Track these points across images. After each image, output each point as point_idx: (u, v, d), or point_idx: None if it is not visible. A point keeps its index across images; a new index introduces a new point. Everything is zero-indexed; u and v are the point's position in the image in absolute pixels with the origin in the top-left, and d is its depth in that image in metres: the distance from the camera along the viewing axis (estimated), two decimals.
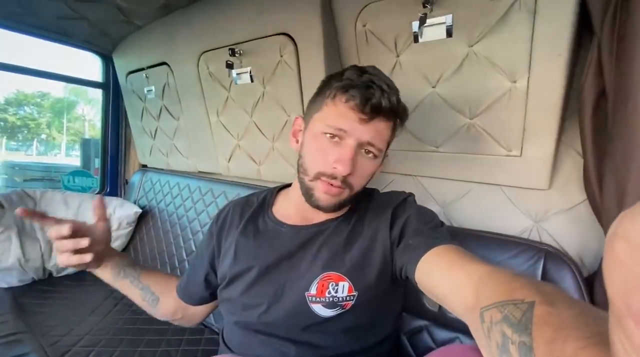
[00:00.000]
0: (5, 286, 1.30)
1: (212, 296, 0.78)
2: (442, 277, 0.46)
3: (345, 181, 0.59)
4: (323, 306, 0.60)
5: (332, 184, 0.59)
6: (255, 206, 0.75)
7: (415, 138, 0.93)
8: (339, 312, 0.60)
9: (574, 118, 0.77)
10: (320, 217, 0.68)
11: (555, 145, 0.75)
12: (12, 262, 1.28)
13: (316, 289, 0.60)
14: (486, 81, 0.76)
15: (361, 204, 0.70)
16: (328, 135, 0.59)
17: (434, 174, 0.97)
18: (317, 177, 0.60)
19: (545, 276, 0.73)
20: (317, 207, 0.62)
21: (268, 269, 0.65)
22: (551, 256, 0.74)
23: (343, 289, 0.60)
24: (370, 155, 0.60)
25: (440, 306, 0.84)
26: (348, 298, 0.60)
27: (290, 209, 0.71)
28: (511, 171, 0.83)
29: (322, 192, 0.60)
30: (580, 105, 0.65)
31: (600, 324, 0.24)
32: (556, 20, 0.63)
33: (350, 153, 0.57)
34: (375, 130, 0.58)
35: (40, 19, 1.33)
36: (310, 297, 0.60)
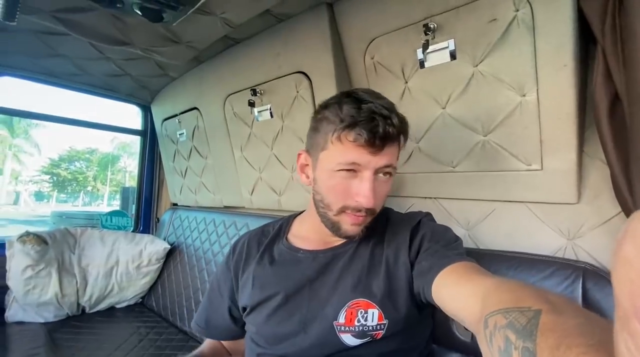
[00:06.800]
0: (42, 320, 1.36)
1: (242, 330, 0.74)
2: (452, 293, 0.47)
3: (369, 209, 0.59)
4: (352, 335, 0.57)
5: (355, 215, 0.59)
6: (272, 234, 0.75)
7: (431, 159, 0.94)
8: (368, 341, 0.58)
9: (594, 128, 0.75)
10: (337, 240, 0.67)
11: (577, 157, 0.73)
12: (50, 297, 1.35)
13: (344, 318, 0.58)
14: (495, 97, 0.77)
15: (378, 225, 0.68)
16: (343, 171, 0.58)
17: (454, 195, 0.95)
18: (342, 210, 0.60)
19: (586, 296, 0.67)
20: (347, 237, 0.63)
21: (288, 298, 0.63)
22: (590, 274, 0.68)
23: (373, 317, 0.58)
24: (387, 176, 0.61)
25: (472, 335, 0.77)
26: (379, 327, 0.57)
27: (306, 234, 0.71)
28: (534, 186, 0.80)
29: (350, 224, 0.60)
30: (595, 113, 0.64)
31: (607, 333, 0.25)
32: (556, 32, 0.65)
33: (371, 186, 0.57)
34: (388, 155, 0.58)
35: (92, 78, 1.54)
36: (338, 327, 0.58)
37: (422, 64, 0.83)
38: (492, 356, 0.32)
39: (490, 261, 0.80)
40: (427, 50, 0.80)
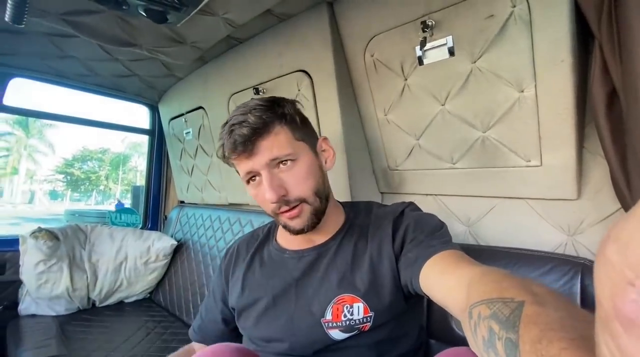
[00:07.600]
0: (53, 314, 1.40)
1: (233, 332, 0.76)
2: (439, 283, 0.48)
3: (290, 201, 0.60)
4: (340, 330, 0.59)
5: (286, 211, 0.60)
6: (261, 237, 0.76)
7: (431, 156, 0.94)
8: (356, 333, 0.59)
9: (594, 124, 0.74)
10: (320, 238, 0.67)
11: (577, 152, 0.73)
12: (61, 291, 1.39)
13: (331, 314, 0.59)
14: (494, 93, 0.77)
15: (361, 220, 0.69)
16: (249, 182, 0.62)
17: (455, 192, 0.96)
18: (274, 213, 0.62)
19: (584, 292, 0.67)
20: (298, 232, 0.62)
21: (276, 299, 0.65)
22: (589, 270, 0.68)
23: (358, 310, 0.59)
24: (288, 162, 0.60)
25: None
26: (365, 320, 0.58)
27: (290, 235, 0.70)
28: (534, 182, 0.80)
29: (289, 220, 0.61)
30: (592, 107, 0.64)
31: (588, 327, 0.24)
32: (553, 28, 0.65)
33: (268, 183, 0.58)
34: (265, 150, 0.58)
35: (101, 78, 1.58)
36: (326, 324, 0.59)
37: (420, 61, 0.84)
38: (477, 346, 0.32)
39: (490, 257, 0.80)
40: (425, 47, 0.81)
